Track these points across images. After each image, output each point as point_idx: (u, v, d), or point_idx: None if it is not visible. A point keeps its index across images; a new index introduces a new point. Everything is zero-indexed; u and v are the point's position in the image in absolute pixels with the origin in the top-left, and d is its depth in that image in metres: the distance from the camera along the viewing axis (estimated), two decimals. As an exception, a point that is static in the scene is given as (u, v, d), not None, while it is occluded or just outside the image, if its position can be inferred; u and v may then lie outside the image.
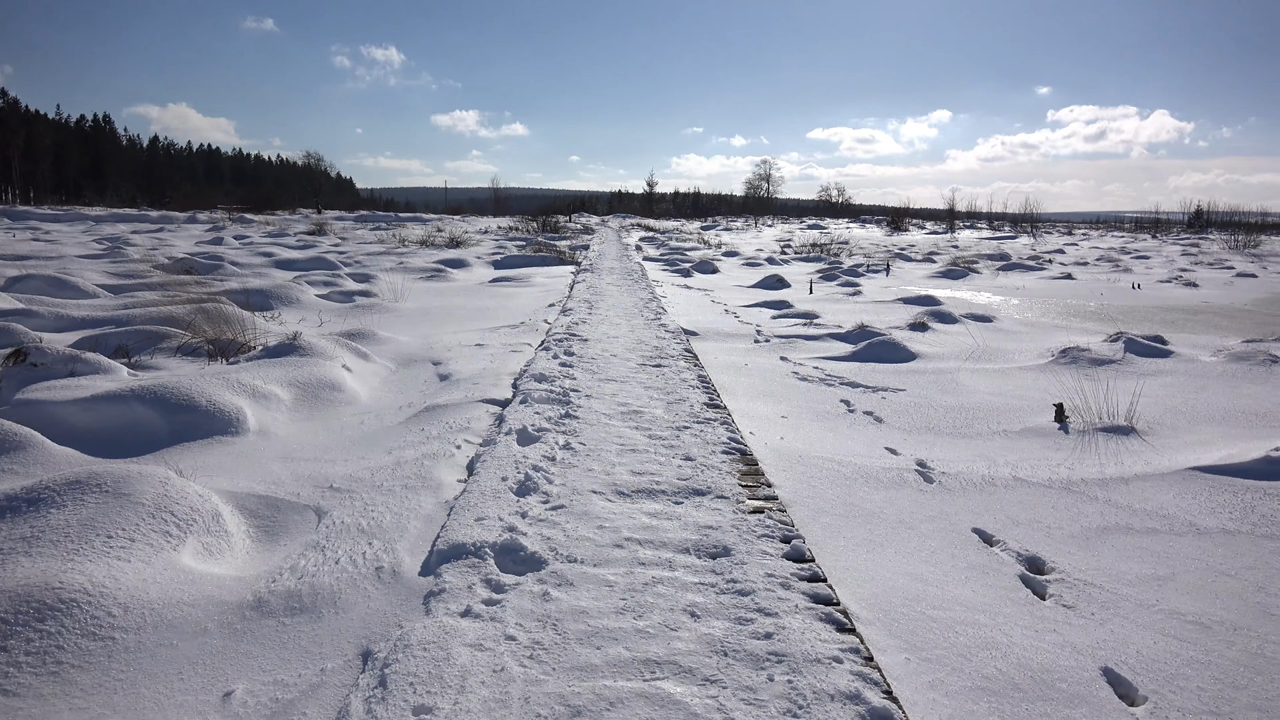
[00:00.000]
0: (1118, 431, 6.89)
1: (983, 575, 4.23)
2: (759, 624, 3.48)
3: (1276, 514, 5.11)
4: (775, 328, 12.98)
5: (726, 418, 6.84)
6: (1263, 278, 27.95)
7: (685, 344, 10.57)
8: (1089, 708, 3.09)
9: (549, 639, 3.36)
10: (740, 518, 4.66)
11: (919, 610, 3.79)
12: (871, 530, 4.77)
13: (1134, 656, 3.47)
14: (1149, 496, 5.43)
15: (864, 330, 11.87)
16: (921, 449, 6.47)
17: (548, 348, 9.82)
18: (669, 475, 5.34)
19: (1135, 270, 30.11)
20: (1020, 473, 5.85)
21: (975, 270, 27.59)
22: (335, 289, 16.36)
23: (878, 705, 2.93)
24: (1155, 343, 11.15)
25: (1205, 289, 23.21)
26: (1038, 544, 4.64)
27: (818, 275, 23.47)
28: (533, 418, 6.55)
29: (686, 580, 3.89)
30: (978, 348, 11.31)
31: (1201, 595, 4.08)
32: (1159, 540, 4.75)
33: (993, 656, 3.41)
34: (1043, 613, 3.85)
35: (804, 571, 4.02)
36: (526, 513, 4.65)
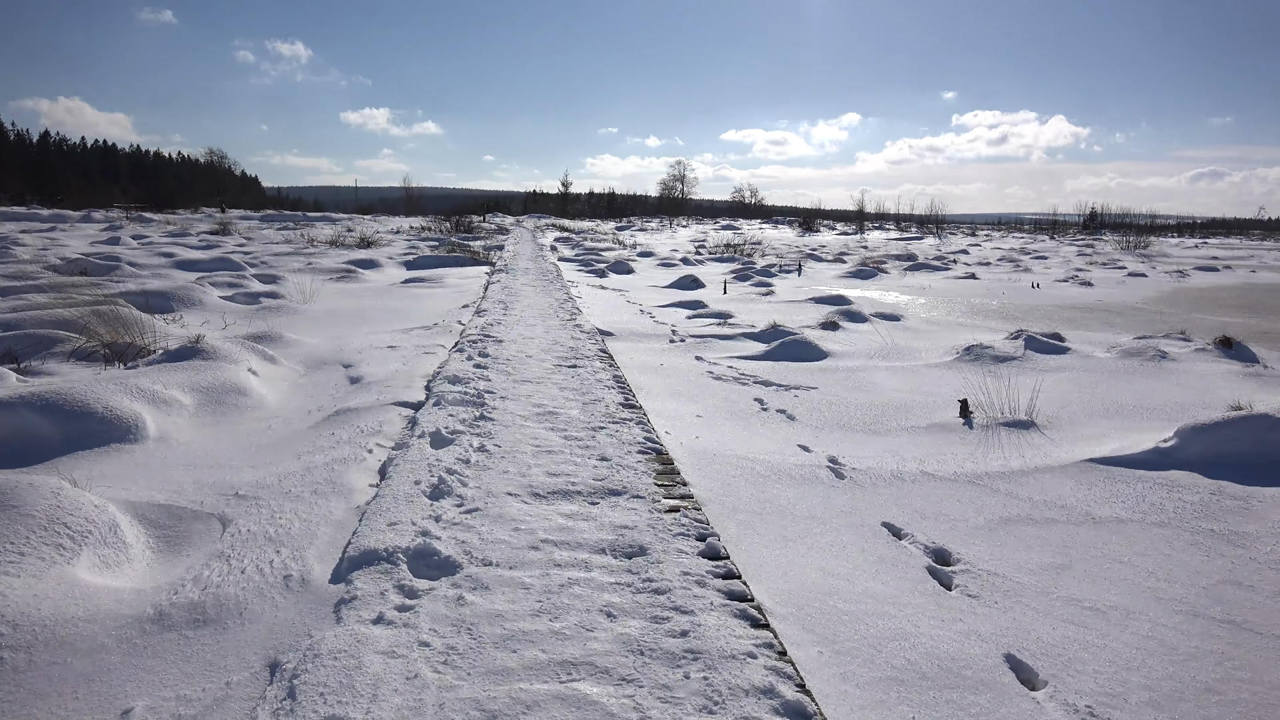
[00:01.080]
0: (1019, 426, 7.13)
1: (892, 568, 4.33)
2: (675, 622, 3.50)
3: (1165, 503, 5.35)
4: (690, 328, 13.08)
5: (642, 418, 6.86)
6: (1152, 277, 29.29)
7: (601, 344, 10.57)
8: (993, 694, 3.19)
9: (464, 644, 3.32)
10: (656, 517, 4.68)
11: (831, 604, 3.86)
12: (785, 526, 4.84)
13: (1035, 643, 3.60)
14: (1048, 488, 5.63)
15: (777, 330, 12.04)
16: (833, 446, 6.59)
17: (462, 349, 9.71)
18: (585, 476, 5.33)
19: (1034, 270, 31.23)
20: (927, 467, 6.01)
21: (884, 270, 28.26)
22: (240, 290, 15.89)
23: (791, 699, 2.97)
24: (1054, 340, 11.59)
25: (1099, 288, 24.21)
26: (944, 536, 4.77)
27: (732, 275, 23.72)
28: (447, 420, 6.47)
29: (603, 580, 3.89)
30: (887, 346, 11.58)
31: (1097, 582, 4.25)
32: (1058, 530, 4.94)
33: (902, 647, 3.49)
34: (949, 603, 3.96)
35: (719, 569, 4.06)
36: (440, 516, 4.59)
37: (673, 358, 10.37)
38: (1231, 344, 11.21)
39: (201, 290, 14.49)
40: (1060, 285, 24.74)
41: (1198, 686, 3.31)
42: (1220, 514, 5.17)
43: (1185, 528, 4.98)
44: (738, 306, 16.35)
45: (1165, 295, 22.70)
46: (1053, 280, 26.36)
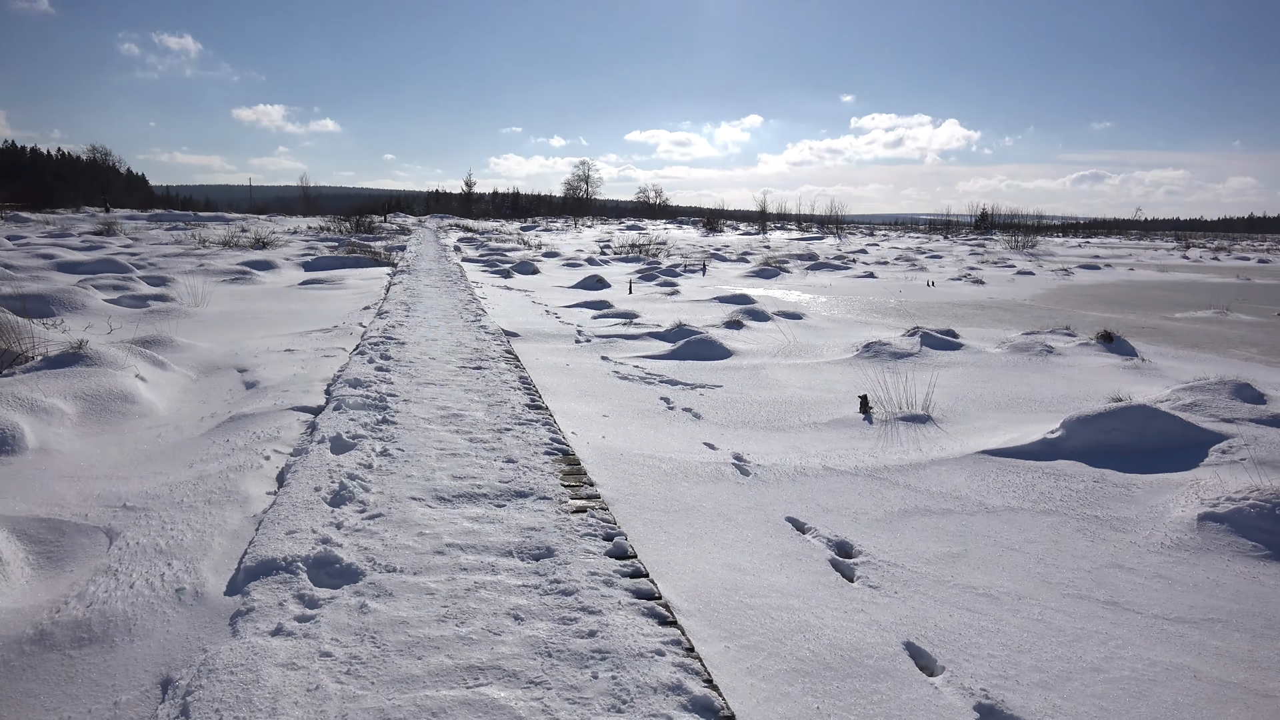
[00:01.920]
0: (916, 420, 7.34)
1: (796, 562, 4.41)
2: (583, 623, 3.49)
3: (1053, 491, 5.58)
4: (596, 328, 13.08)
5: (548, 418, 6.83)
6: (1039, 275, 30.53)
7: (506, 345, 10.49)
8: (893, 681, 3.27)
9: (367, 652, 3.25)
10: (563, 518, 4.67)
11: (737, 599, 3.90)
12: (691, 524, 4.88)
13: (933, 630, 3.71)
14: (944, 480, 5.81)
15: (682, 329, 12.14)
16: (738, 443, 6.67)
17: (363, 352, 9.50)
18: (491, 478, 5.28)
19: (930, 269, 32.22)
20: (829, 462, 6.13)
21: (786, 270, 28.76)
22: (127, 293, 15.23)
23: (699, 694, 3.00)
24: (948, 336, 11.97)
25: (991, 286, 25.12)
26: (846, 529, 4.88)
27: (637, 275, 23.81)
28: (348, 424, 6.32)
29: (510, 583, 3.85)
30: (789, 344, 11.79)
31: (990, 569, 4.41)
32: (954, 520, 5.10)
33: (806, 639, 3.56)
34: (851, 594, 4.05)
35: (626, 568, 4.07)
36: (342, 523, 4.48)
37: (579, 358, 10.36)
38: (1112, 338, 11.77)
39: (84, 293, 13.84)
40: (954, 283, 25.59)
41: (1084, 666, 3.45)
42: (1103, 501, 5.41)
43: (1072, 515, 5.21)
44: (643, 306, 16.42)
45: (1052, 292, 23.68)
46: (947, 279, 27.25)
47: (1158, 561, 4.56)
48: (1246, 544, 4.72)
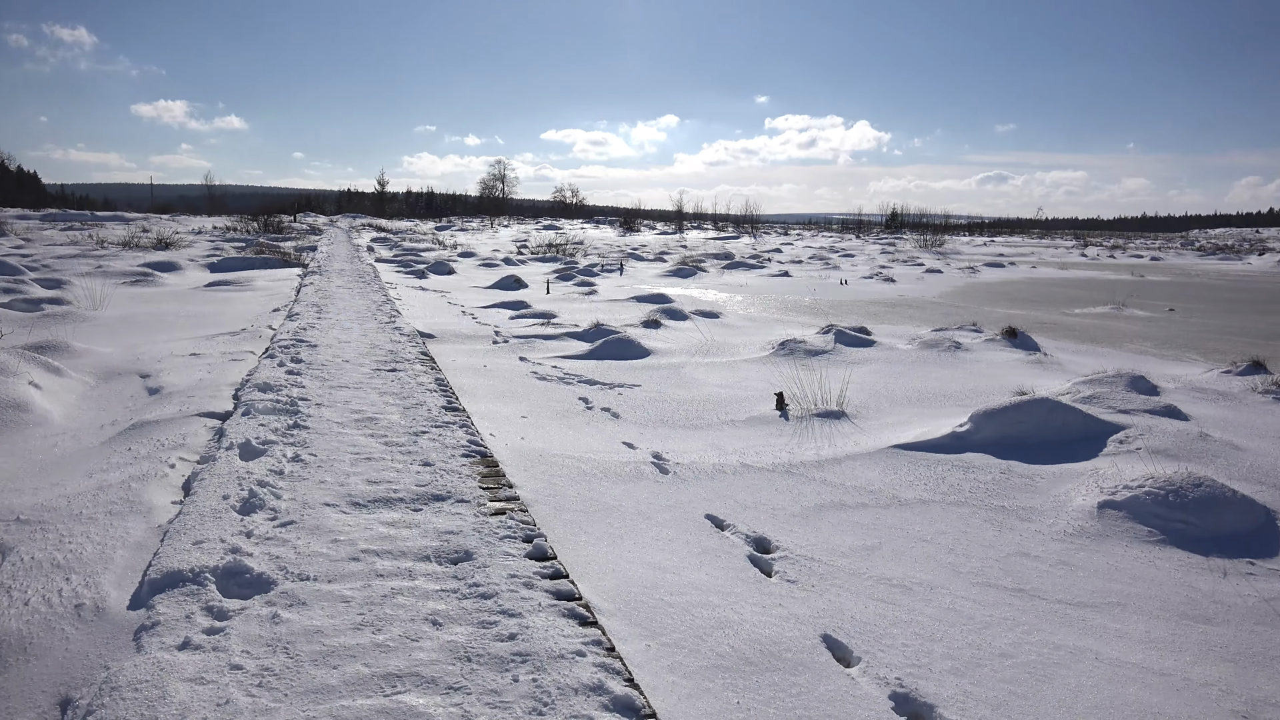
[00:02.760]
0: (831, 416, 7.47)
1: (715, 558, 4.45)
2: (503, 626, 3.46)
3: (963, 483, 5.74)
4: (514, 328, 12.99)
5: (466, 420, 6.75)
6: (947, 273, 31.40)
7: (422, 347, 10.34)
8: (811, 673, 3.32)
9: (280, 664, 3.16)
10: (482, 520, 4.62)
11: (657, 597, 3.92)
12: (611, 524, 4.88)
13: (849, 622, 3.78)
14: (859, 474, 5.93)
15: (600, 329, 12.13)
16: (657, 442, 6.70)
17: (273, 355, 9.26)
18: (407, 482, 5.19)
19: (843, 267, 32.87)
20: (747, 459, 6.20)
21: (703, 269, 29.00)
22: (19, 296, 14.56)
23: (620, 694, 3.00)
24: (861, 334, 12.22)
25: (901, 284, 25.74)
26: (764, 525, 4.94)
27: (554, 275, 23.73)
28: (257, 430, 6.15)
29: (428, 588, 3.79)
30: (707, 343, 11.88)
31: (903, 560, 4.51)
32: (868, 514, 5.21)
33: (726, 635, 3.59)
34: (770, 589, 4.10)
35: (546, 569, 4.04)
36: (252, 532, 4.36)
37: (496, 359, 10.27)
38: (1016, 334, 12.17)
39: (-28, 297, 13.17)
40: (866, 281, 26.15)
41: (993, 652, 3.56)
42: (1010, 491, 5.59)
43: (980, 506, 5.36)
44: (561, 306, 16.37)
45: (959, 290, 24.38)
46: (859, 277, 27.83)
47: (1061, 549, 4.72)
48: (1143, 530, 4.93)
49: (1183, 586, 4.31)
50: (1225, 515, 5.03)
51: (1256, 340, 14.07)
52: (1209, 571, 4.49)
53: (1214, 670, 3.52)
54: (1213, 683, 3.42)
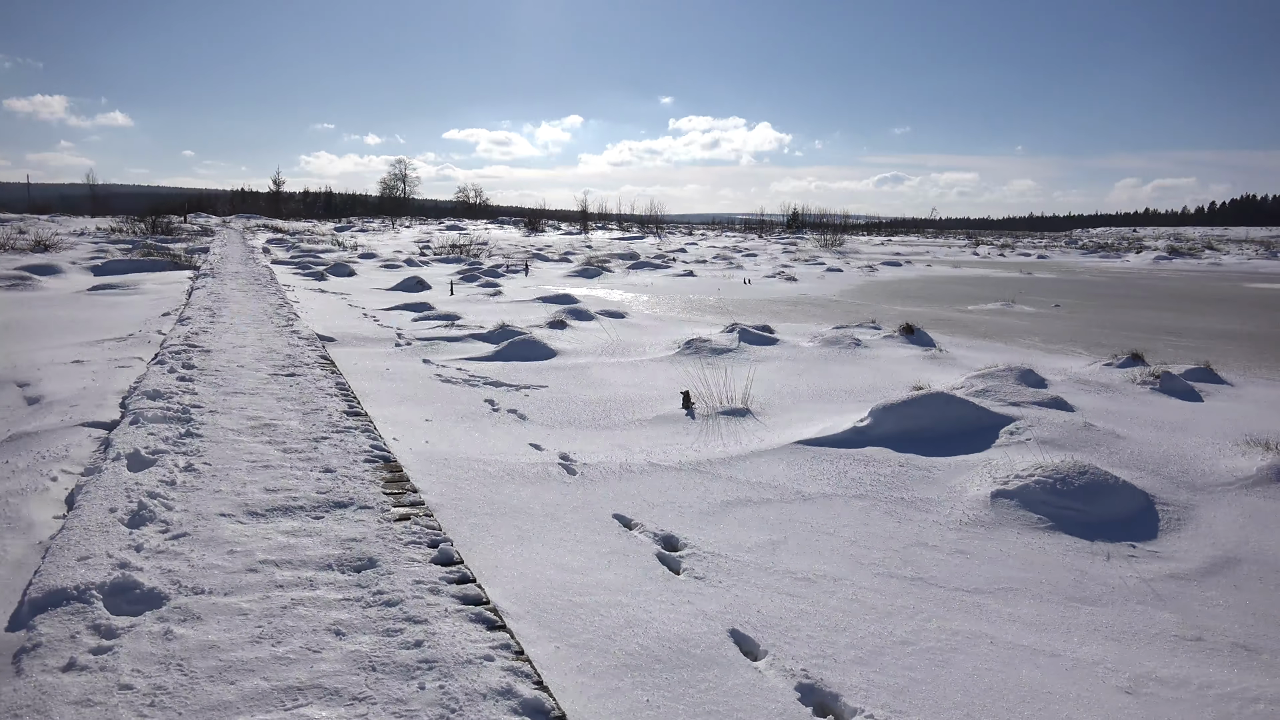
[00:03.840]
0: (736, 414, 7.57)
1: (624, 558, 4.46)
2: (408, 633, 3.40)
3: (864, 477, 5.88)
4: (417, 330, 12.78)
5: (368, 425, 6.62)
6: (847, 272, 32.15)
7: (321, 351, 10.08)
8: (719, 668, 3.36)
9: (173, 681, 3.04)
10: (386, 526, 4.53)
11: (566, 599, 3.90)
12: (519, 526, 4.84)
13: (755, 616, 3.83)
14: (764, 470, 6.02)
15: (506, 330, 12.04)
16: (564, 442, 6.68)
17: (163, 361, 8.90)
18: (307, 489, 5.05)
19: (746, 267, 33.34)
20: (654, 458, 6.23)
21: (608, 269, 29.05)
22: (-118, 302, 13.67)
23: (529, 697, 2.97)
24: (764, 332, 12.42)
25: (803, 282, 26.25)
26: (672, 523, 4.97)
27: (458, 276, 23.45)
28: (147, 439, 5.90)
29: (330, 598, 3.70)
30: (613, 342, 11.90)
31: (808, 554, 4.60)
32: (773, 509, 5.29)
33: (635, 634, 3.60)
34: (678, 586, 4.13)
35: (453, 574, 3.99)
36: (142, 545, 4.18)
37: (399, 362, 10.09)
38: (913, 331, 12.53)
39: None
40: (769, 281, 26.58)
41: (894, 640, 3.66)
42: (908, 483, 5.75)
43: (881, 498, 5.50)
44: (465, 308, 16.18)
45: (858, 288, 24.99)
46: (762, 276, 28.28)
47: (957, 538, 4.88)
48: (1033, 517, 5.13)
49: (1070, 570, 4.50)
50: (1108, 501, 5.28)
51: (1135, 334, 14.80)
52: (1094, 555, 4.70)
53: (1099, 649, 3.68)
54: (1098, 661, 3.58)
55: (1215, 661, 3.62)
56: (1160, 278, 33.52)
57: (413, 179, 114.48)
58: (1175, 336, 14.63)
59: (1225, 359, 11.65)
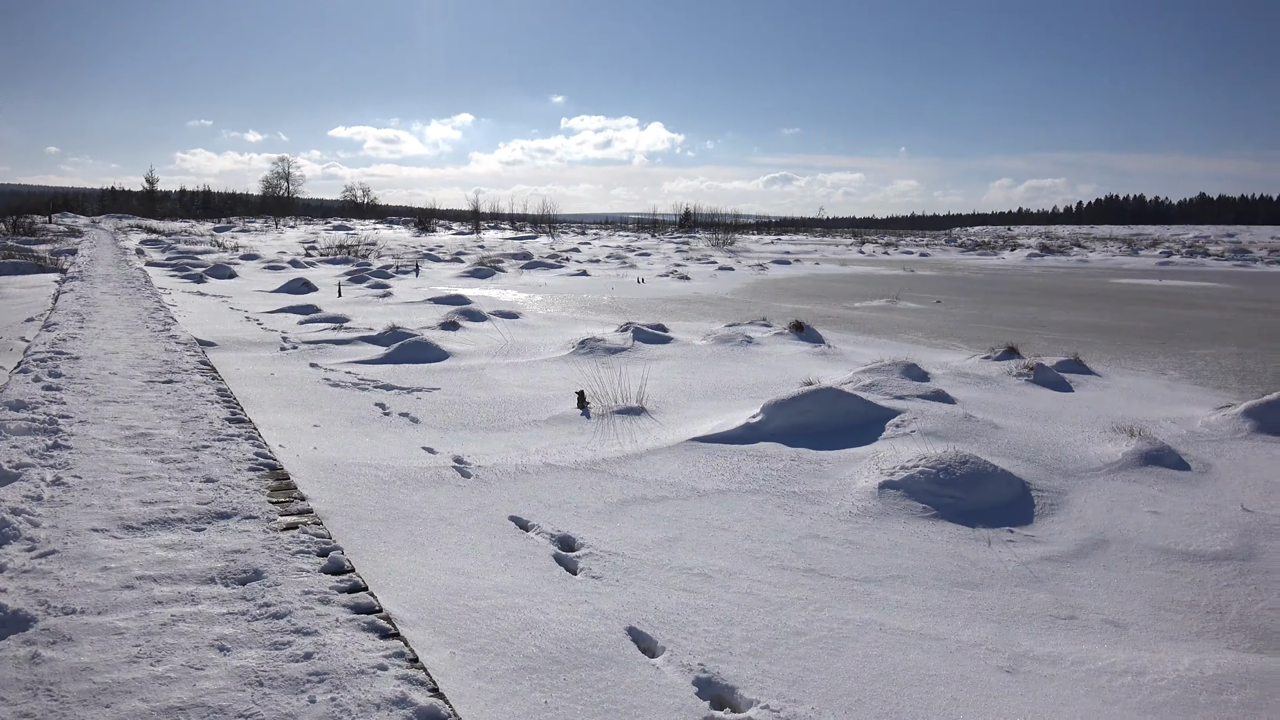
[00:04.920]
0: (631, 412, 7.60)
1: (520, 560, 4.42)
2: (297, 645, 3.29)
3: (757, 472, 5.98)
4: (303, 333, 12.42)
5: (252, 432, 6.39)
6: (739, 270, 32.64)
7: (201, 356, 9.70)
8: (618, 666, 3.36)
9: (42, 708, 2.87)
10: (272, 536, 4.38)
11: (462, 603, 3.85)
12: (413, 531, 4.76)
13: (653, 613, 3.85)
14: (659, 468, 6.06)
15: (396, 332, 11.80)
16: (458, 445, 6.59)
17: (27, 370, 8.41)
18: (187, 501, 4.85)
19: (640, 266, 33.50)
20: (550, 459, 6.20)
21: (501, 269, 28.80)
22: None
23: (424, 705, 2.92)
24: (658, 331, 12.51)
25: (696, 281, 26.54)
26: (568, 523, 4.95)
27: (346, 278, 22.88)
28: (9, 452, 5.57)
29: (213, 612, 3.56)
30: (507, 343, 11.80)
31: (704, 550, 4.65)
32: (669, 506, 5.33)
33: (533, 636, 3.57)
34: (575, 587, 4.12)
35: (344, 583, 3.89)
36: (5, 565, 3.93)
37: (285, 366, 9.78)
38: (803, 327, 12.81)
39: None
40: (663, 280, 26.78)
41: (788, 630, 3.73)
42: (800, 477, 5.87)
43: (773, 492, 5.60)
44: (354, 310, 15.80)
45: (750, 286, 25.40)
46: (656, 275, 28.46)
47: (847, 529, 5.01)
48: (918, 506, 5.31)
49: (953, 557, 4.67)
50: (988, 489, 5.50)
51: (1011, 328, 15.47)
52: (975, 541, 4.89)
53: (981, 631, 3.83)
54: (980, 643, 3.72)
55: (1087, 638, 3.81)
56: (1033, 274, 35.12)
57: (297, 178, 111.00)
58: (1047, 330, 15.35)
59: (1093, 351, 12.28)
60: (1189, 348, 13.18)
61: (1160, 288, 27.41)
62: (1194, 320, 17.44)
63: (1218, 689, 3.39)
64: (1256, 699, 3.32)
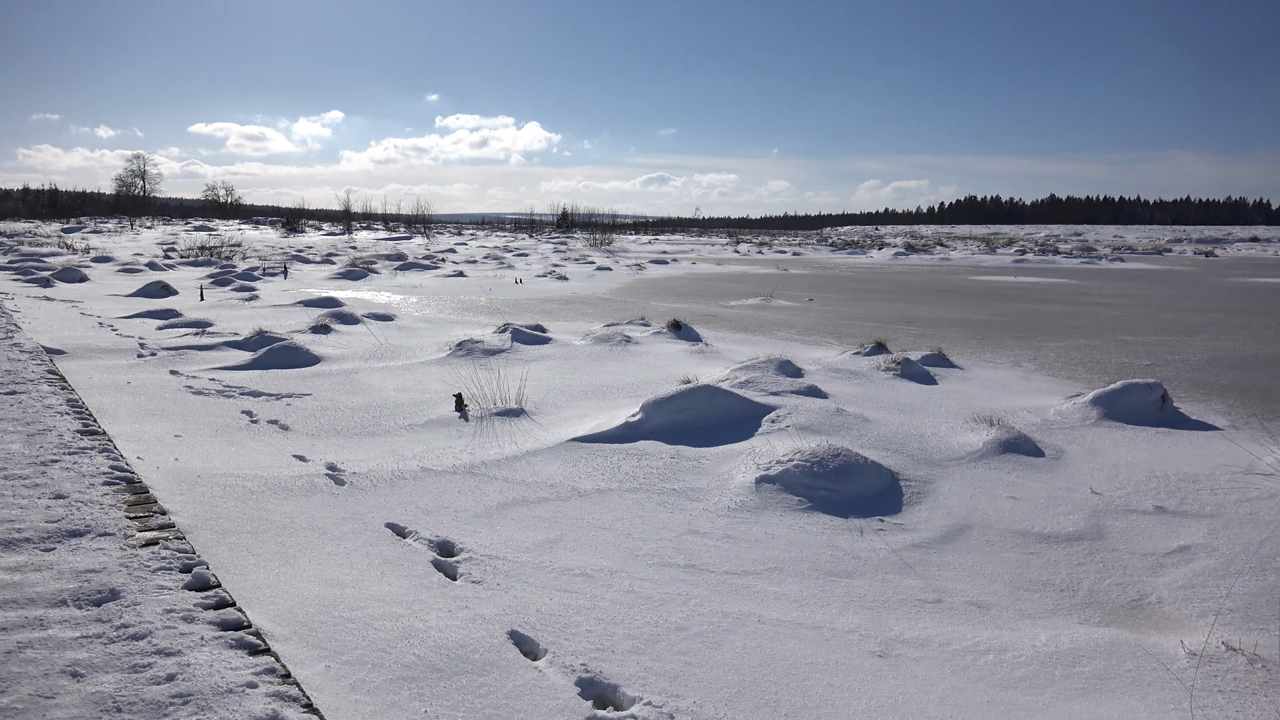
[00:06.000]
0: (511, 414, 7.53)
1: (397, 567, 4.32)
2: (159, 667, 3.13)
3: (637, 470, 6.01)
4: (163, 339, 11.84)
5: (107, 444, 6.05)
6: (617, 270, 32.76)
7: (49, 365, 9.12)
8: (499, 671, 3.33)
9: None
10: (130, 554, 4.15)
11: (337, 614, 3.74)
12: (284, 542, 4.59)
13: (534, 615, 3.82)
14: (540, 469, 6.02)
15: (264, 336, 11.38)
16: (331, 452, 6.40)
17: None
18: (34, 519, 4.55)
19: (517, 266, 33.27)
20: (428, 463, 6.09)
21: (375, 271, 28.13)
22: None
23: (298, 722, 2.82)
24: (537, 331, 12.44)
25: (574, 281, 26.51)
26: (447, 529, 4.87)
27: (209, 280, 21.94)
28: None
29: (65, 637, 3.35)
30: (381, 346, 11.53)
31: (585, 549, 4.64)
32: (549, 507, 5.30)
33: (412, 644, 3.50)
34: (455, 592, 4.05)
35: (210, 599, 3.72)
36: None
37: (143, 374, 9.30)
38: (681, 326, 12.96)
39: None
40: (540, 280, 26.65)
41: (669, 627, 3.76)
42: (680, 474, 5.94)
43: (654, 490, 5.65)
44: (218, 314, 15.14)
45: (628, 286, 25.53)
46: (534, 275, 28.31)
47: (726, 524, 5.09)
48: (794, 499, 5.44)
49: (828, 547, 4.80)
50: (859, 480, 5.68)
51: (880, 324, 16.03)
52: (848, 531, 5.04)
53: (855, 618, 3.96)
54: (854, 629, 3.84)
55: (952, 620, 3.98)
56: (899, 272, 36.48)
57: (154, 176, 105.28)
58: (913, 325, 15.97)
59: (955, 345, 12.85)
60: (1042, 340, 13.93)
61: (1016, 284, 28.88)
62: (1046, 314, 18.44)
63: (1071, 662, 3.59)
64: (1105, 669, 3.54)
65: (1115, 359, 12.01)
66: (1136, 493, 5.73)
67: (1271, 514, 5.32)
